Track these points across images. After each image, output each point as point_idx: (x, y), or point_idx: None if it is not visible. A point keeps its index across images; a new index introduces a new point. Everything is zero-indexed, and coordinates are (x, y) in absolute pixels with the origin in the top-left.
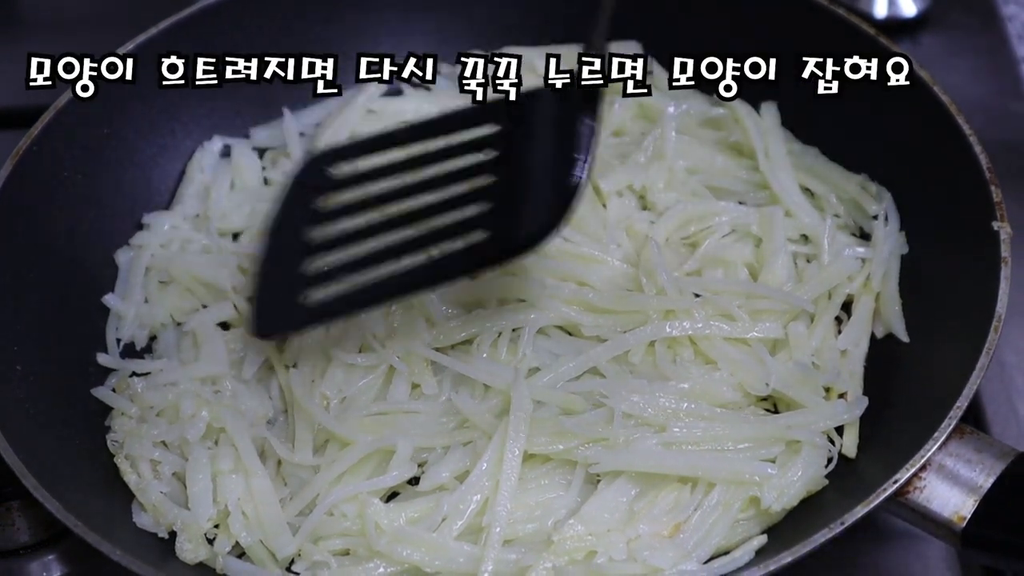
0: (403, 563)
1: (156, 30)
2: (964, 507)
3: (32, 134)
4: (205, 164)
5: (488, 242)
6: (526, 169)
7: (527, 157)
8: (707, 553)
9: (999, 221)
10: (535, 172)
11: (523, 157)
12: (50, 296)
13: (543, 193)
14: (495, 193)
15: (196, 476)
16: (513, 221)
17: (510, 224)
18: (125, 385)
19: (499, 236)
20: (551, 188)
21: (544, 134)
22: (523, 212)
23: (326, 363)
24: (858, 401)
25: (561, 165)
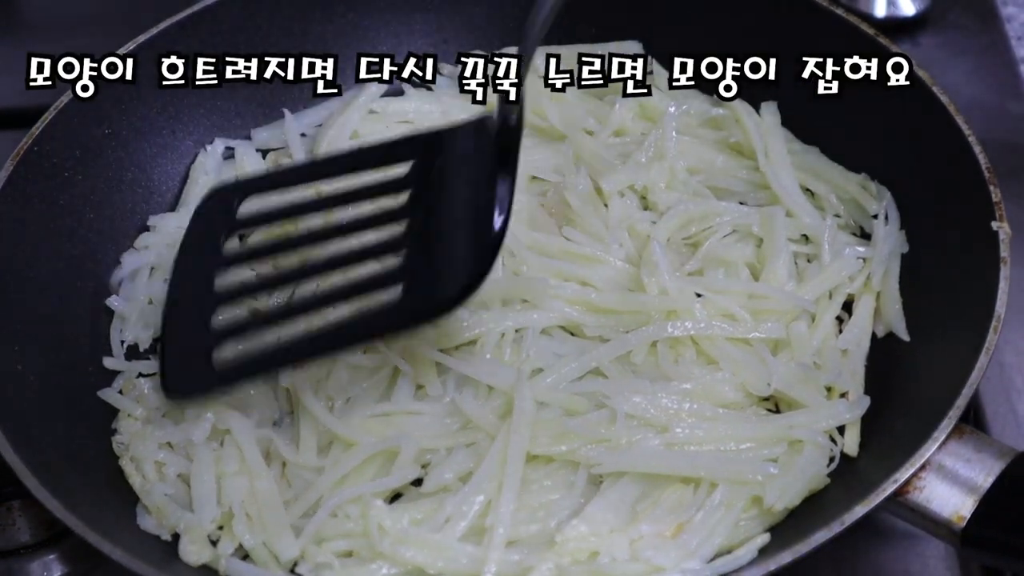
0: (406, 564)
1: (156, 30)
2: (963, 507)
3: (33, 134)
4: (209, 166)
5: (404, 302)
6: (442, 220)
7: (444, 207)
8: (710, 553)
9: (998, 221)
10: (452, 225)
11: (440, 206)
12: (52, 296)
13: (460, 250)
14: (410, 243)
15: (200, 477)
16: (429, 279)
17: (426, 282)
18: (131, 386)
19: (415, 295)
20: (469, 245)
21: (461, 182)
22: (440, 270)
23: (331, 364)
24: (860, 400)
25: (479, 219)
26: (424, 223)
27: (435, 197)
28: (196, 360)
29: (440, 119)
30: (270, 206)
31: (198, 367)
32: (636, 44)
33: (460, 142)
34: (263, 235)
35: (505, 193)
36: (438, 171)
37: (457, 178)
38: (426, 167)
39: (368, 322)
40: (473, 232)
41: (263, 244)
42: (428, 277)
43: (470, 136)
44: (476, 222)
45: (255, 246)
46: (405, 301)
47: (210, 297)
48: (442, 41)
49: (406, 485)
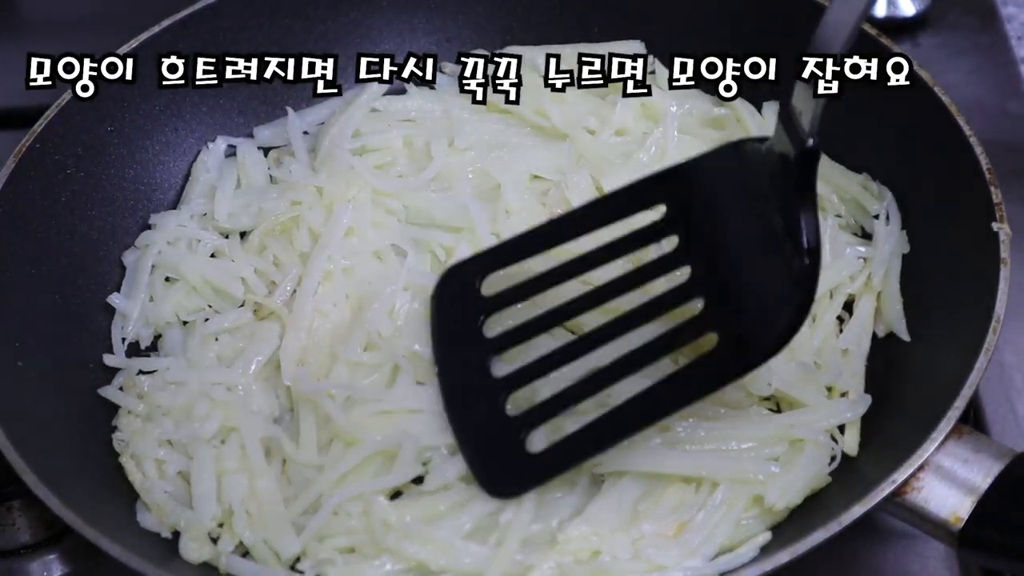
0: (410, 560)
1: (156, 30)
2: (961, 508)
3: (35, 132)
4: (211, 164)
5: (721, 354)
6: (734, 261)
7: (729, 246)
8: (711, 552)
9: (999, 222)
10: (748, 265)
11: (723, 246)
12: (52, 293)
13: (770, 289)
14: (704, 291)
15: (201, 475)
16: (742, 326)
17: (740, 329)
18: (132, 384)
19: (731, 345)
20: (778, 282)
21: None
22: (752, 314)
23: (331, 362)
24: (861, 399)
25: (780, 254)
26: (709, 266)
27: (711, 237)
28: (512, 456)
29: (442, 118)
30: (520, 277)
31: (517, 462)
32: (638, 44)
33: (715, 175)
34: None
35: (811, 223)
36: (701, 209)
37: (731, 213)
38: (682, 207)
39: (690, 381)
40: (778, 268)
41: (530, 321)
42: (740, 326)
43: (728, 166)
44: (777, 257)
45: (523, 323)
46: (722, 353)
47: (494, 385)
48: (444, 40)
49: (407, 483)
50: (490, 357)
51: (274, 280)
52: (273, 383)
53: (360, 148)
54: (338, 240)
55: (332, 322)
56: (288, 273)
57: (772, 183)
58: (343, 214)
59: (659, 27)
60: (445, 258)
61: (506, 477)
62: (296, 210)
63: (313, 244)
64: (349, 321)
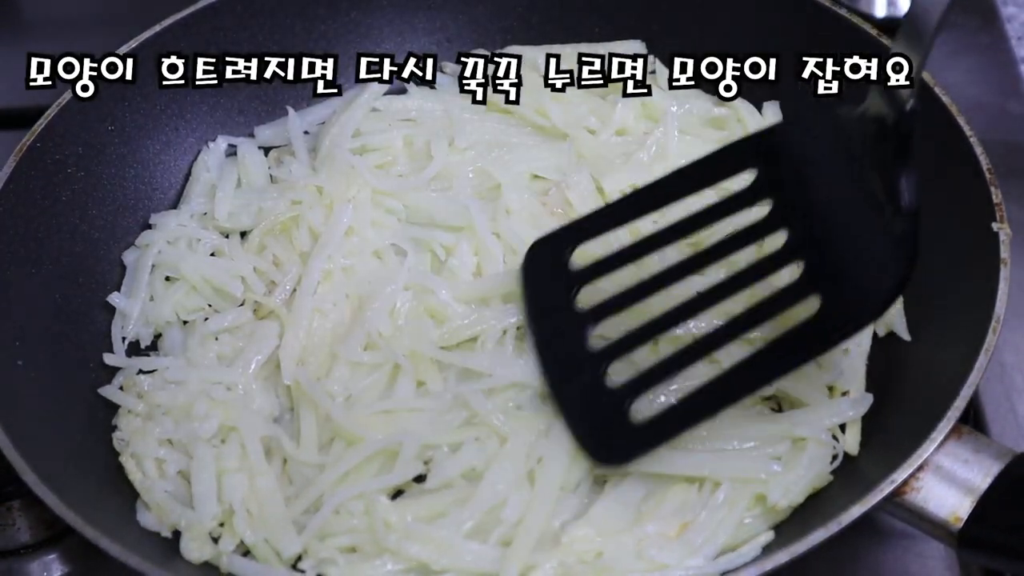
0: (411, 560)
1: (156, 30)
2: (961, 508)
3: (36, 130)
4: (211, 163)
5: (825, 316)
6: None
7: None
8: (714, 552)
9: (999, 222)
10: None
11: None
12: (53, 292)
13: (871, 252)
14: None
15: (201, 475)
16: (844, 289)
17: (842, 292)
18: (132, 383)
19: (834, 308)
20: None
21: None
22: (853, 277)
23: (332, 361)
24: (862, 399)
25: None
26: (807, 230)
27: (807, 201)
28: (617, 425)
29: (442, 117)
30: (610, 249)
31: (622, 432)
32: (639, 43)
33: (806, 138)
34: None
35: (912, 184)
36: (794, 172)
37: (826, 176)
38: (775, 171)
39: (795, 345)
40: (878, 229)
41: (625, 292)
42: (842, 287)
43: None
44: (876, 218)
45: (618, 295)
46: (826, 315)
47: (593, 358)
48: (444, 40)
49: (408, 482)
50: (587, 328)
51: (274, 280)
52: (273, 382)
53: (360, 148)
54: (338, 239)
55: (332, 321)
56: (288, 272)
57: (869, 146)
58: (343, 213)
59: (659, 27)
60: (445, 257)
61: (613, 446)
62: (296, 209)
63: (313, 243)
64: (349, 320)
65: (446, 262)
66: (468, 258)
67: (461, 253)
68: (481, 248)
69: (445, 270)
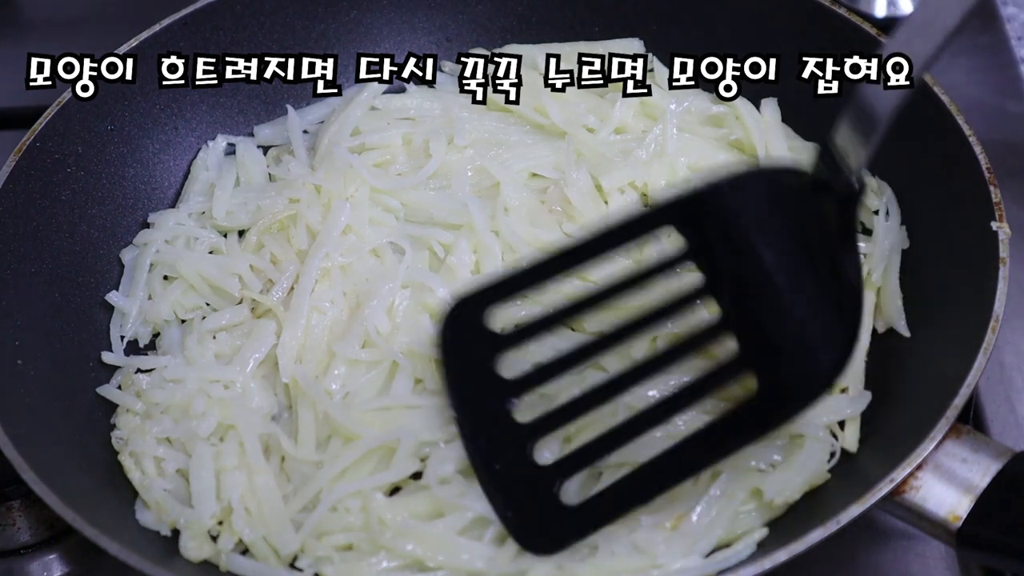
0: (407, 557)
1: (156, 29)
2: (960, 507)
3: (35, 130)
4: (210, 162)
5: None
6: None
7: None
8: (709, 545)
9: (998, 222)
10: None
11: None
12: (52, 291)
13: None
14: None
15: (199, 473)
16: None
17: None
18: (130, 382)
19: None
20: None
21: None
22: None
23: (329, 359)
24: (860, 396)
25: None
26: (740, 302)
27: (740, 270)
28: (545, 509)
29: (441, 116)
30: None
31: (552, 517)
32: (637, 42)
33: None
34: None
35: (854, 261)
36: (726, 239)
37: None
38: (706, 235)
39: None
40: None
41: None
42: (780, 365)
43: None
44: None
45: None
46: (764, 397)
47: (517, 432)
48: (444, 39)
49: (405, 479)
50: (511, 401)
51: (271, 278)
52: (271, 381)
53: (359, 146)
54: (336, 238)
55: (330, 319)
56: (285, 271)
57: (809, 217)
58: (341, 212)
59: (658, 26)
60: (444, 255)
61: (543, 532)
62: (294, 208)
63: (311, 242)
64: (347, 318)
65: (444, 260)
66: (467, 256)
67: (460, 251)
68: (480, 246)
69: (444, 268)
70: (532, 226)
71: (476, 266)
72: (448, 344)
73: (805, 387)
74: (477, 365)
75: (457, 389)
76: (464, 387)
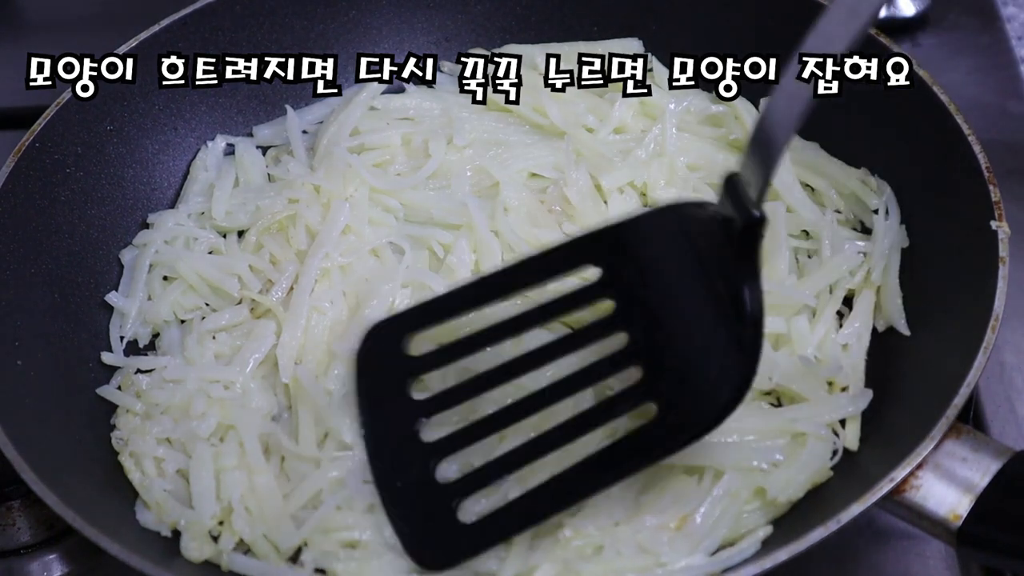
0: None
1: (156, 30)
2: (960, 506)
3: (35, 130)
4: (209, 162)
5: (663, 422)
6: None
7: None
8: (714, 544)
9: (998, 221)
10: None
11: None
12: (52, 292)
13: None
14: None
15: (199, 473)
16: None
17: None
18: (130, 382)
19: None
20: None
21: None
22: (693, 382)
23: (329, 359)
24: (862, 394)
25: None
26: (648, 333)
27: (650, 302)
28: (441, 526)
29: (441, 116)
30: (450, 338)
31: (447, 533)
32: (637, 42)
33: (654, 237)
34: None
35: (755, 292)
36: (639, 272)
37: (671, 278)
38: (620, 269)
39: (629, 453)
40: (720, 337)
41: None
42: (679, 395)
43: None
44: (719, 326)
45: (453, 387)
46: (661, 424)
47: (421, 450)
48: (444, 39)
49: None
50: (419, 421)
51: (271, 278)
52: (271, 381)
53: (359, 146)
54: (335, 238)
55: (330, 319)
56: (285, 271)
57: (715, 250)
58: (340, 212)
59: (659, 27)
60: (443, 255)
61: (436, 548)
62: (293, 208)
63: (310, 242)
64: (347, 318)
65: (444, 260)
66: (466, 256)
67: (459, 251)
68: (480, 245)
69: (443, 268)
70: (532, 226)
71: (476, 265)
72: (362, 365)
73: (699, 417)
74: (389, 386)
75: (367, 408)
76: (374, 407)
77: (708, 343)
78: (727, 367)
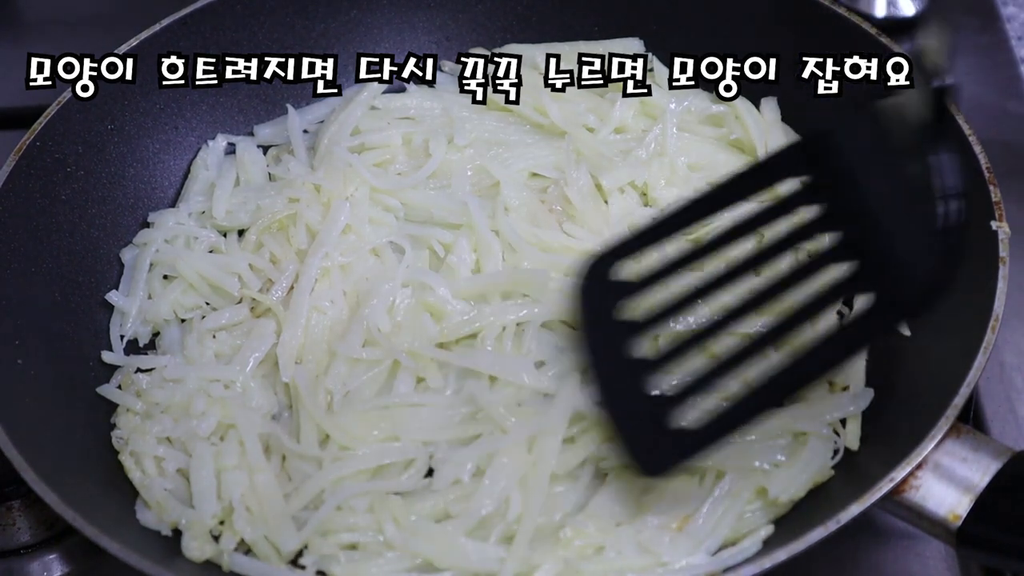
0: (416, 557)
1: (156, 29)
2: (959, 506)
3: (35, 130)
4: (210, 161)
5: (877, 307)
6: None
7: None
8: (716, 544)
9: (998, 221)
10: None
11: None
12: (52, 292)
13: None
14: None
15: (200, 472)
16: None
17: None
18: (130, 381)
19: (886, 299)
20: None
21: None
22: (905, 268)
23: (330, 358)
24: (863, 394)
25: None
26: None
27: (857, 199)
28: (660, 436)
29: (441, 115)
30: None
31: (666, 442)
32: (637, 42)
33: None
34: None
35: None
36: (844, 172)
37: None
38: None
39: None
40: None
41: (675, 302)
42: (893, 281)
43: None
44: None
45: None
46: (878, 306)
47: (639, 367)
48: (444, 39)
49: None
50: (635, 339)
51: (271, 277)
52: (271, 380)
53: (359, 146)
54: (335, 237)
55: (330, 319)
56: (285, 270)
57: (910, 133)
58: (340, 211)
59: (658, 26)
60: (444, 254)
61: (659, 459)
62: (293, 207)
63: (310, 241)
64: (347, 318)
65: (445, 259)
66: (467, 255)
67: (460, 250)
68: (480, 245)
69: (444, 267)
70: (532, 225)
71: (476, 265)
72: (582, 297)
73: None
74: (607, 311)
75: (589, 333)
76: (593, 334)
77: (917, 227)
78: (938, 245)
